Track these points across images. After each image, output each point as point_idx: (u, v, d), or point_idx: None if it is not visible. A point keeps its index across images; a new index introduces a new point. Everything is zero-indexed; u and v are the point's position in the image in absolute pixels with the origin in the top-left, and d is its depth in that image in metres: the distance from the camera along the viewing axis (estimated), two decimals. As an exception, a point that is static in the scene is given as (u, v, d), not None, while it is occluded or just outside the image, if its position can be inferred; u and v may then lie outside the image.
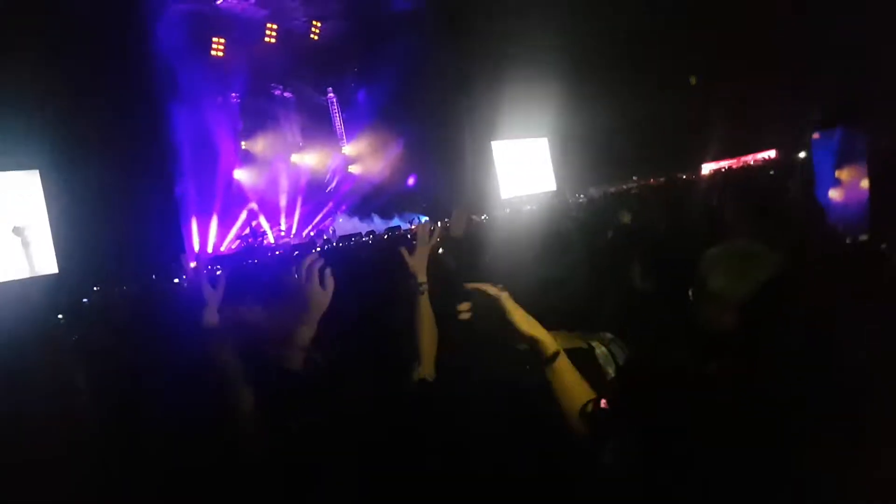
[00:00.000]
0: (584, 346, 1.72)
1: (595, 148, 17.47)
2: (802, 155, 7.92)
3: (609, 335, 1.82)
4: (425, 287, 2.27)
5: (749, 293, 1.66)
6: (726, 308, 1.69)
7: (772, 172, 9.92)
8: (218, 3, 17.07)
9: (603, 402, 1.43)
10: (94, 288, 11.03)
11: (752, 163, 16.65)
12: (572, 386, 1.48)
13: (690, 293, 1.83)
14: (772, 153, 16.91)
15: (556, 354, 1.48)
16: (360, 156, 21.39)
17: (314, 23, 19.23)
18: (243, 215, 18.65)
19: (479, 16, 16.99)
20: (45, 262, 11.53)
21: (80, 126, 11.84)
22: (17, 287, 10.89)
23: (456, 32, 17.79)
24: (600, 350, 1.74)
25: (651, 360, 1.71)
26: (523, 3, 16.70)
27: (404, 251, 2.29)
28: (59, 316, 8.01)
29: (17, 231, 11.18)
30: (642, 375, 1.50)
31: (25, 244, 11.32)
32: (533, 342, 1.49)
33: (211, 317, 2.03)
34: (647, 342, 1.93)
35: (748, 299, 1.66)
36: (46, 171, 11.74)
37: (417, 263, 2.30)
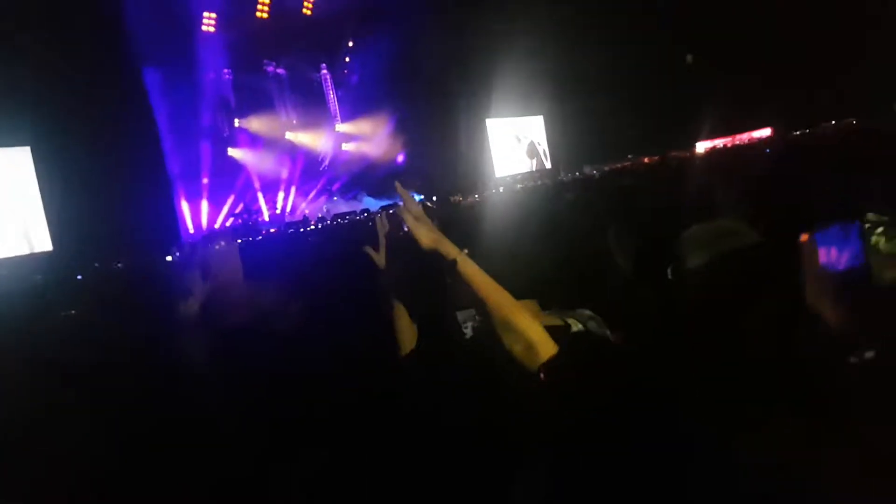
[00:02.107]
0: (561, 323, 1.68)
1: (590, 126, 17.42)
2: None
3: (587, 312, 1.78)
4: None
5: (726, 271, 1.66)
6: (702, 286, 1.70)
7: (767, 151, 9.93)
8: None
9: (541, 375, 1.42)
10: (95, 265, 10.98)
11: (746, 141, 16.66)
12: (482, 286, 1.49)
13: (669, 271, 1.83)
14: (766, 131, 16.90)
15: (454, 261, 1.51)
16: (353, 134, 21.27)
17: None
18: (233, 198, 18.58)
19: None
20: (41, 240, 11.47)
21: (71, 103, 11.73)
22: (13, 264, 10.89)
23: (452, 8, 17.62)
24: (577, 328, 1.70)
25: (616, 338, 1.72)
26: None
27: (370, 252, 2.13)
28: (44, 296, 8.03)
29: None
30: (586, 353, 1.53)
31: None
32: (433, 251, 1.53)
33: (196, 293, 2.06)
34: (625, 320, 1.89)
35: (724, 277, 1.66)
36: (37, 148, 11.64)
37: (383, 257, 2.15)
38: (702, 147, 16.90)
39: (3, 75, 10.54)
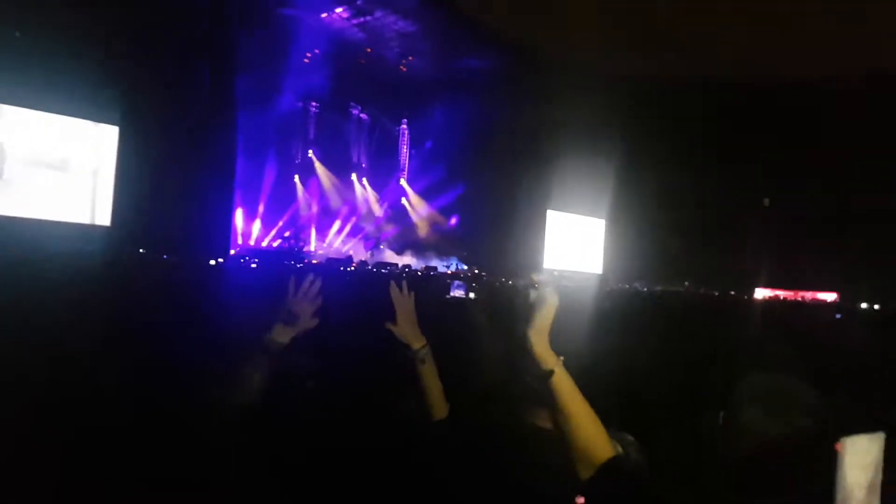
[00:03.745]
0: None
1: (650, 243, 17.36)
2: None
3: (629, 437, 1.74)
4: (424, 353, 2.06)
5: (782, 433, 1.56)
6: (755, 442, 1.59)
7: (838, 316, 9.67)
8: (322, 16, 17.55)
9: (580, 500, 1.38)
10: (140, 250, 11.24)
11: (807, 300, 16.33)
12: (571, 402, 1.43)
13: (721, 417, 1.74)
14: (833, 296, 16.49)
15: (551, 371, 1.43)
16: (414, 192, 21.62)
17: (408, 57, 19.67)
18: (283, 222, 18.91)
19: (560, 87, 17.19)
20: (102, 214, 11.80)
21: (163, 95, 12.21)
22: (72, 229, 11.20)
23: (534, 97, 17.99)
24: (617, 451, 1.62)
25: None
26: (606, 86, 16.85)
27: (390, 326, 2.07)
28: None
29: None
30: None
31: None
32: (532, 355, 1.45)
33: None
34: (668, 458, 1.87)
35: (779, 439, 1.56)
36: (125, 130, 12.09)
37: (405, 330, 2.08)
38: (760, 294, 16.63)
39: (104, 53, 11.02)
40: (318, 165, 19.79)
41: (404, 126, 21.84)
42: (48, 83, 10.75)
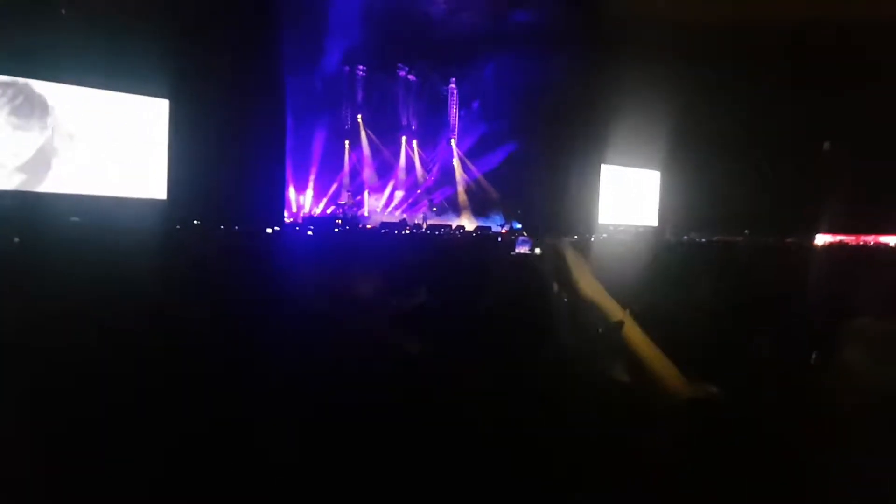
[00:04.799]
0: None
1: (706, 192, 16.83)
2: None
3: (713, 388, 1.61)
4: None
5: (883, 377, 1.48)
6: (856, 386, 1.53)
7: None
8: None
9: None
10: (195, 221, 11.53)
11: (872, 244, 15.63)
12: (645, 349, 1.42)
13: (813, 358, 1.70)
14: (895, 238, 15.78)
15: (620, 322, 1.43)
16: (466, 153, 21.46)
17: (456, 14, 19.35)
18: (336, 187, 19.09)
19: (615, 43, 16.64)
20: (157, 188, 12.10)
21: (213, 65, 12.42)
22: (129, 204, 11.56)
23: (586, 49, 17.49)
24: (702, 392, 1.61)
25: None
26: (666, 36, 16.24)
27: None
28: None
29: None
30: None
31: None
32: (595, 306, 1.46)
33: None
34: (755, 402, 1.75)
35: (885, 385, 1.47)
36: (175, 103, 12.29)
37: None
38: (821, 239, 16.02)
39: (152, 27, 11.17)
40: (365, 130, 19.82)
41: (453, 85, 21.58)
42: (98, 59, 10.96)
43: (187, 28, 11.73)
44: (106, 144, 11.57)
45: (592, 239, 16.01)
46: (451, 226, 18.67)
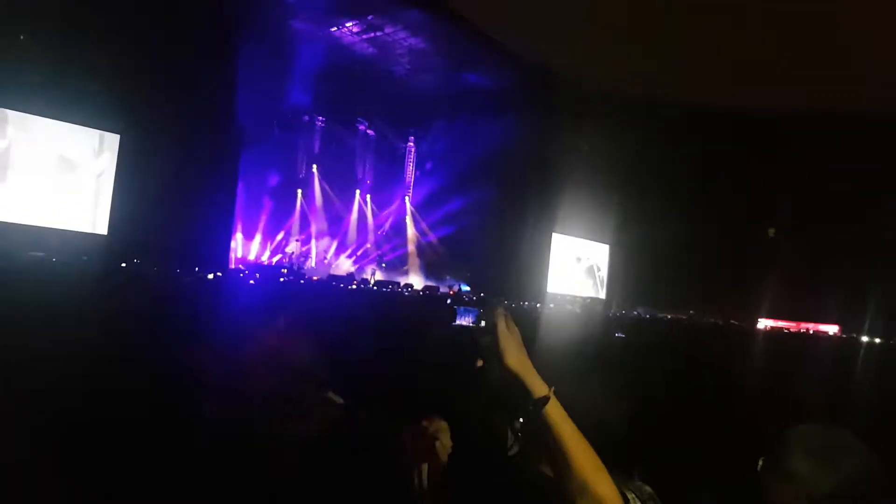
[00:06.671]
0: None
1: (652, 269, 17.14)
2: None
3: (648, 489, 1.55)
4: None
5: (833, 486, 1.47)
6: (800, 494, 1.50)
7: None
8: (332, 30, 17.51)
9: None
10: (135, 260, 11.14)
11: (811, 332, 16.06)
12: (567, 438, 1.26)
13: (759, 464, 1.63)
14: (834, 328, 16.26)
15: (545, 398, 1.28)
16: (419, 211, 21.45)
17: (417, 74, 19.59)
18: (282, 236, 18.79)
19: (570, 112, 17.10)
20: (100, 223, 11.77)
21: (167, 106, 12.19)
22: (71, 237, 11.18)
23: (541, 120, 17.88)
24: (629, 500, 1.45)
25: None
26: (611, 115, 16.73)
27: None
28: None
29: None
30: None
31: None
32: (519, 381, 1.31)
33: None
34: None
35: (829, 492, 1.48)
36: (125, 139, 12.09)
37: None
38: (763, 323, 16.40)
39: (108, 60, 11.05)
40: (319, 181, 19.65)
41: (411, 143, 21.71)
42: (52, 89, 10.80)
43: (145, 65, 11.61)
44: (49, 174, 11.22)
45: (538, 306, 16.04)
46: (399, 283, 18.46)
